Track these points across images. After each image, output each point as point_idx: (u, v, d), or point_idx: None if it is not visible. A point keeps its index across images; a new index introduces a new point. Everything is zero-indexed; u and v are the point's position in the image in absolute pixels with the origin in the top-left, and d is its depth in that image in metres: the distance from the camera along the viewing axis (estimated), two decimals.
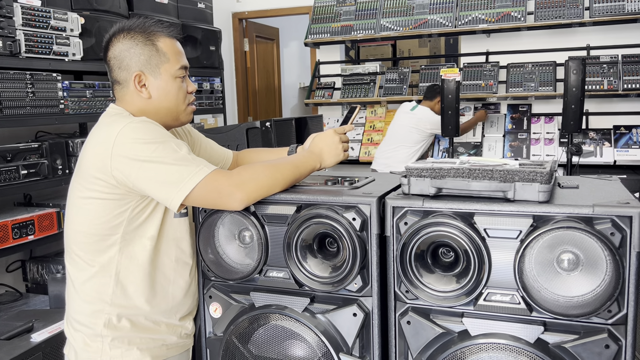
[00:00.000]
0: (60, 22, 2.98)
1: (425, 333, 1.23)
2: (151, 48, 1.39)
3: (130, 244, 1.37)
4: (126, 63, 1.39)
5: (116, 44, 1.40)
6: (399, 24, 4.86)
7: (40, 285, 3.07)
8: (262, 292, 1.36)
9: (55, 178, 2.92)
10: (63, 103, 3.02)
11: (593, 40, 4.62)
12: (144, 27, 1.40)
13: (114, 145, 1.28)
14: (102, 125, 1.39)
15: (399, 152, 4.46)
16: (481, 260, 1.15)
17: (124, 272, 1.38)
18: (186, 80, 1.46)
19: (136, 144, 1.28)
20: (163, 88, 1.41)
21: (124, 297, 1.39)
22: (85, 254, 1.38)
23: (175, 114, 1.45)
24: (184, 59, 1.46)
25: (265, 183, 1.31)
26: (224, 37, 4.87)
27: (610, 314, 1.10)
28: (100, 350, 1.38)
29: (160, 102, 1.42)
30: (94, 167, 1.32)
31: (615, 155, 4.46)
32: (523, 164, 1.25)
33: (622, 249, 1.07)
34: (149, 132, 1.31)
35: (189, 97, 1.47)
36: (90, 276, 1.38)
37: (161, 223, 1.41)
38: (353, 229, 1.25)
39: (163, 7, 3.96)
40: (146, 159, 1.27)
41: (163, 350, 1.45)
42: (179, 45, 1.46)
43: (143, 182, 1.28)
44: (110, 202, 1.33)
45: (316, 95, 5.38)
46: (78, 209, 1.37)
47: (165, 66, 1.40)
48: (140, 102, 1.41)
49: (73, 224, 1.40)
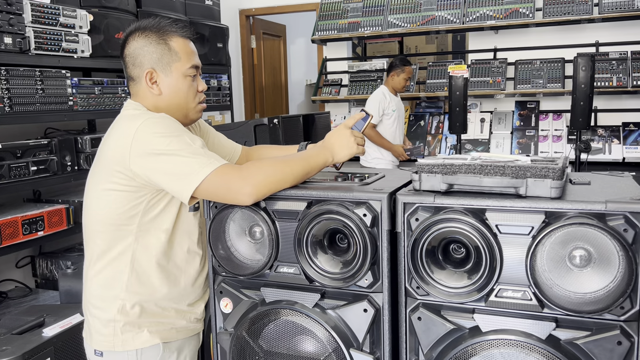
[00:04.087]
0: (69, 19, 2.99)
1: (436, 329, 1.23)
2: (164, 47, 1.45)
3: (146, 235, 1.43)
4: (139, 60, 1.45)
5: (131, 42, 1.46)
6: (406, 21, 4.84)
7: (50, 281, 3.09)
8: (273, 287, 1.37)
9: (65, 174, 2.93)
10: (72, 100, 3.03)
11: (602, 37, 4.60)
12: (158, 27, 1.46)
13: (134, 139, 1.33)
14: (123, 119, 1.44)
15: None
16: (493, 256, 1.15)
17: (139, 260, 1.44)
18: (197, 79, 1.51)
19: (153, 138, 1.33)
20: (174, 85, 1.46)
21: (138, 284, 1.45)
22: (103, 242, 1.44)
23: (185, 111, 1.49)
24: (196, 58, 1.50)
25: (274, 177, 1.31)
26: (231, 34, 4.87)
27: (623, 310, 1.09)
28: (112, 335, 1.44)
29: (171, 99, 1.47)
30: (113, 159, 1.37)
31: (624, 152, 4.44)
32: (535, 160, 1.24)
33: (635, 245, 1.07)
34: (165, 126, 1.36)
35: (199, 96, 1.51)
36: (106, 264, 1.44)
37: (177, 217, 1.46)
38: (364, 225, 1.25)
39: (171, 4, 3.96)
40: (161, 151, 1.31)
41: (172, 333, 1.50)
42: (191, 45, 1.51)
43: (157, 175, 1.33)
44: (127, 193, 1.38)
45: (323, 92, 5.38)
46: (97, 199, 1.43)
47: (177, 64, 1.46)
48: (152, 98, 1.47)
49: (91, 213, 1.46)
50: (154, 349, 1.45)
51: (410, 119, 5.12)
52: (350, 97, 5.21)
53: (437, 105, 5.17)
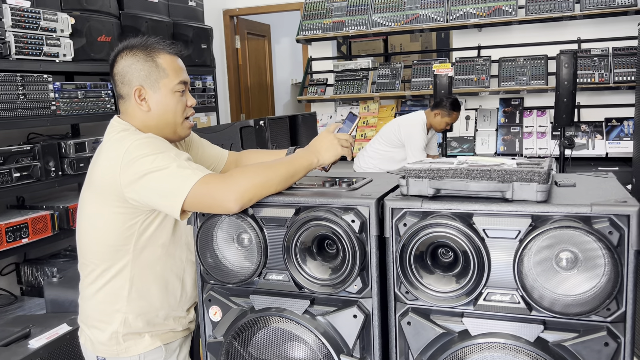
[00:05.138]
0: (50, 23, 2.95)
1: (425, 333, 1.23)
2: (151, 64, 1.46)
3: (143, 252, 1.45)
4: (128, 78, 1.47)
5: (120, 61, 1.49)
6: (390, 20, 4.85)
7: (35, 287, 3.05)
8: (262, 295, 1.36)
9: (48, 180, 2.90)
10: (55, 104, 2.99)
11: (584, 34, 4.65)
12: (145, 45, 1.48)
13: (122, 164, 1.35)
14: (111, 141, 1.45)
15: (370, 144, 4.20)
16: (481, 260, 1.15)
17: (138, 276, 1.47)
18: (186, 94, 1.53)
19: (138, 160, 1.34)
20: (162, 102, 1.48)
21: (139, 298, 1.48)
22: (101, 262, 1.46)
23: (174, 127, 1.51)
24: (183, 74, 1.52)
25: (258, 182, 1.31)
26: (215, 34, 4.84)
27: (609, 312, 1.11)
28: (115, 344, 1.48)
29: (160, 116, 1.48)
30: (104, 183, 1.39)
31: (607, 147, 4.49)
32: (520, 164, 1.25)
33: (620, 247, 1.08)
34: (150, 145, 1.37)
35: (188, 110, 1.54)
36: (106, 281, 1.47)
37: (174, 231, 1.49)
38: (352, 230, 1.25)
39: (154, 6, 3.93)
40: (146, 171, 1.32)
41: (171, 335, 1.55)
42: (179, 61, 1.53)
43: (147, 196, 1.34)
44: (122, 216, 1.40)
45: (309, 91, 5.37)
46: (92, 221, 1.45)
47: (164, 81, 1.47)
48: (141, 115, 1.48)
49: (87, 235, 1.48)
50: (156, 351, 1.51)
51: (395, 117, 5.13)
52: (336, 97, 5.21)
53: (422, 103, 5.19)
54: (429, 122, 3.97)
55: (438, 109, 3.94)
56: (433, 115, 3.96)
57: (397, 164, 3.94)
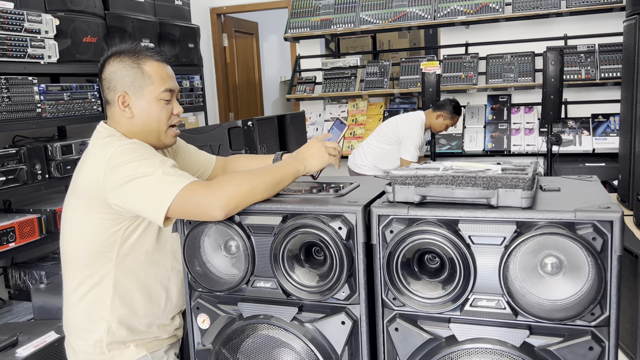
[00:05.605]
0: (34, 24, 2.92)
1: (413, 339, 1.24)
2: (137, 70, 1.46)
3: (126, 258, 1.45)
4: (113, 84, 1.47)
5: (107, 67, 1.49)
6: (378, 17, 4.85)
7: (24, 291, 3.03)
8: (250, 302, 1.36)
9: (35, 183, 2.88)
10: (40, 107, 2.97)
11: (570, 30, 4.67)
12: (133, 51, 1.48)
13: (105, 170, 1.35)
14: (96, 147, 1.45)
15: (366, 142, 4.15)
16: (467, 267, 1.16)
17: (122, 283, 1.46)
18: (173, 102, 1.52)
19: (122, 166, 1.33)
20: (145, 109, 1.47)
21: (122, 305, 1.47)
22: (84, 268, 1.45)
23: (157, 134, 1.50)
24: (170, 82, 1.51)
25: (244, 189, 1.30)
26: (203, 33, 4.81)
27: (594, 316, 1.12)
28: (100, 353, 1.47)
29: (144, 123, 1.48)
30: (88, 188, 1.39)
31: (594, 143, 4.53)
32: (505, 169, 1.26)
33: (603, 253, 1.09)
34: (135, 151, 1.37)
35: (174, 118, 1.52)
36: (89, 289, 1.46)
37: (158, 238, 1.48)
38: (339, 238, 1.25)
39: (139, 6, 3.90)
40: (131, 177, 1.32)
41: (156, 343, 1.55)
42: (168, 69, 1.52)
43: (131, 202, 1.34)
44: (106, 222, 1.40)
45: (297, 90, 5.36)
46: (75, 226, 1.45)
47: (149, 88, 1.47)
48: (125, 121, 1.48)
49: (70, 241, 1.47)
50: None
51: (384, 115, 5.14)
52: (324, 95, 5.21)
53: (411, 101, 5.20)
54: (428, 123, 3.95)
55: (441, 111, 3.91)
56: (435, 116, 3.93)
57: (394, 161, 3.96)
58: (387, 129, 3.98)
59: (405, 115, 4.07)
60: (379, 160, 3.98)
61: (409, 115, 4.05)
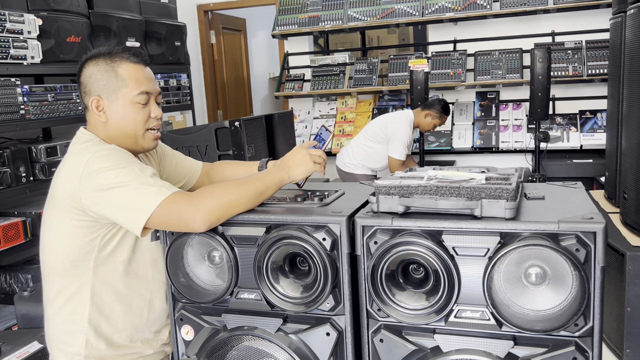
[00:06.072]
0: (16, 25, 2.87)
1: (398, 350, 1.23)
2: (111, 73, 1.42)
3: (103, 268, 1.41)
4: (89, 88, 1.44)
5: (84, 71, 1.45)
6: (366, 14, 4.83)
7: (9, 295, 3.00)
8: (234, 313, 1.35)
9: (19, 186, 2.84)
10: (24, 108, 2.92)
11: (557, 27, 4.68)
12: (109, 54, 1.43)
13: (82, 175, 1.32)
14: (73, 152, 1.42)
15: (354, 140, 4.13)
16: (451, 278, 1.16)
17: (99, 294, 1.43)
18: (150, 105, 1.46)
19: (100, 173, 1.30)
20: (119, 112, 1.43)
21: (100, 317, 1.43)
22: (61, 278, 1.42)
23: (134, 139, 1.45)
24: (147, 84, 1.45)
25: (226, 201, 1.29)
26: (190, 30, 4.77)
27: (577, 327, 1.12)
28: None
29: (119, 127, 1.44)
30: (64, 195, 1.35)
31: (581, 139, 4.55)
32: (489, 178, 1.25)
33: (587, 264, 1.09)
34: (112, 158, 1.33)
35: (151, 122, 1.46)
36: (66, 299, 1.43)
37: (135, 247, 1.44)
38: (323, 249, 1.24)
39: (125, 4, 3.85)
40: (109, 186, 1.29)
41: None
42: (145, 71, 1.46)
43: (108, 209, 1.31)
44: (82, 229, 1.36)
45: (286, 87, 5.33)
46: (52, 235, 1.41)
47: (124, 91, 1.42)
48: (101, 126, 1.44)
49: (47, 249, 1.44)
50: None
51: (373, 112, 5.13)
52: (313, 92, 5.18)
53: (400, 98, 5.19)
54: (417, 122, 3.92)
55: (429, 110, 3.88)
56: (423, 115, 3.90)
57: (382, 160, 3.95)
58: (376, 127, 3.96)
59: (394, 114, 4.06)
60: (368, 159, 3.97)
61: (397, 113, 4.04)
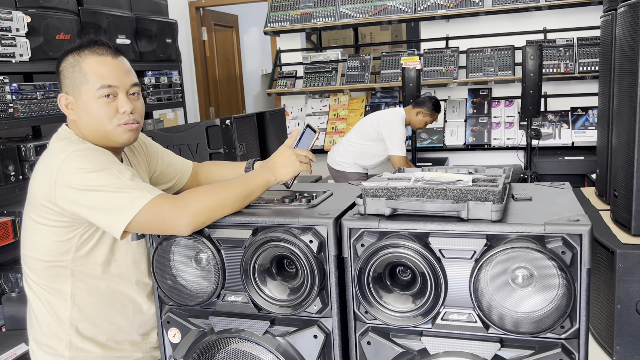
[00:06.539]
0: (4, 22, 2.85)
1: (385, 353, 1.23)
2: (76, 69, 1.37)
3: (82, 269, 1.39)
4: (60, 85, 1.41)
5: (59, 68, 1.41)
6: (358, 11, 4.82)
7: None
8: (221, 316, 1.34)
9: (8, 185, 2.82)
10: (12, 107, 2.90)
11: (549, 24, 4.69)
12: (78, 48, 1.39)
13: (57, 174, 1.29)
14: (50, 151, 1.38)
15: (346, 138, 4.11)
16: (437, 280, 1.15)
17: (80, 295, 1.41)
18: (118, 99, 1.38)
19: (78, 174, 1.27)
20: (84, 109, 1.37)
21: (82, 318, 1.41)
22: (40, 279, 1.40)
23: (105, 134, 1.38)
24: (110, 78, 1.37)
25: (211, 205, 1.28)
26: (181, 26, 4.74)
27: (564, 329, 1.12)
28: None
29: (87, 124, 1.38)
30: (40, 194, 1.33)
31: (573, 136, 4.56)
32: (476, 180, 1.25)
33: (573, 266, 1.09)
34: (91, 159, 1.30)
35: (120, 118, 1.38)
36: (47, 300, 1.41)
37: (114, 249, 1.41)
38: (310, 251, 1.23)
39: (114, 1, 3.82)
40: (87, 188, 1.26)
41: None
42: (111, 63, 1.38)
43: (86, 211, 1.28)
44: (58, 229, 1.34)
45: (278, 84, 5.32)
46: (30, 234, 1.39)
47: (85, 87, 1.36)
48: (74, 123, 1.41)
49: (26, 249, 1.42)
50: None
51: (366, 109, 5.13)
52: (305, 89, 5.17)
53: (392, 95, 5.18)
54: (408, 119, 3.91)
55: (420, 108, 3.88)
56: (415, 113, 3.90)
57: (374, 158, 3.94)
58: (367, 125, 3.96)
59: (386, 112, 4.05)
60: (359, 157, 3.97)
61: (389, 111, 4.03)
